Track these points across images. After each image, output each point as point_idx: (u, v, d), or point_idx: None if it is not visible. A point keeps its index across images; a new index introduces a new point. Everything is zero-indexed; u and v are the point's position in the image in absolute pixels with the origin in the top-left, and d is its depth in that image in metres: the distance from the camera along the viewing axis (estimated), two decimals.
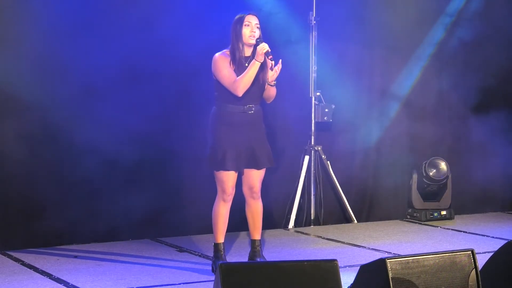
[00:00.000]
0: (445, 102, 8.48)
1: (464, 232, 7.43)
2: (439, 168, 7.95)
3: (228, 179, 5.61)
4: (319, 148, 7.73)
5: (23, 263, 6.05)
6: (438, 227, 7.69)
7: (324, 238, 7.10)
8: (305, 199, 7.70)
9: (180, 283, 5.48)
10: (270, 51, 5.50)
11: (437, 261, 4.19)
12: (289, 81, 7.23)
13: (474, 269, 4.26)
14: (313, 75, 7.72)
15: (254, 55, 5.54)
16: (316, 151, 7.72)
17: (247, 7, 6.28)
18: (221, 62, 5.58)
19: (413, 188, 8.02)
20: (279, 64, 5.54)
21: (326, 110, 7.71)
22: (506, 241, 4.60)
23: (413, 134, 8.32)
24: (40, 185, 6.60)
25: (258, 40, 5.55)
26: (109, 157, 6.68)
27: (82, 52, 6.61)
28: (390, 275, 4.04)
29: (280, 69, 5.55)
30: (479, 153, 8.47)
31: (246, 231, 6.49)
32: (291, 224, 7.54)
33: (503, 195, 8.69)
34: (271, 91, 5.71)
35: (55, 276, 5.64)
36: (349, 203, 7.83)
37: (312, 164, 7.71)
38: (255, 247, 5.82)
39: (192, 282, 5.50)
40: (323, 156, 7.72)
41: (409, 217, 8.08)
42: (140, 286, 5.41)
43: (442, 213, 7.99)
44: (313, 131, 7.76)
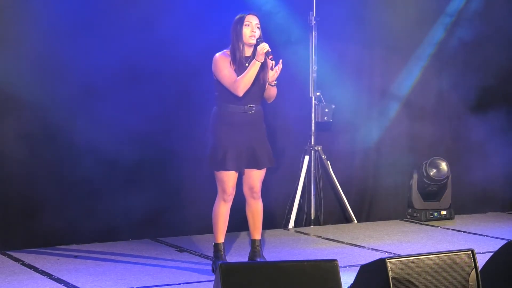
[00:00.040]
0: (445, 102, 8.48)
1: (464, 232, 7.43)
2: (439, 168, 7.95)
3: (228, 179, 5.61)
4: (319, 148, 7.72)
5: (23, 263, 6.05)
6: (438, 227, 7.69)
7: (324, 238, 7.10)
8: (305, 199, 7.69)
9: (180, 283, 5.48)
10: (270, 51, 5.49)
11: (437, 261, 4.19)
12: (289, 81, 7.22)
13: (474, 269, 4.26)
14: (313, 75, 7.72)
15: (254, 55, 5.54)
16: (316, 151, 7.72)
17: (247, 7, 6.27)
18: (221, 62, 5.58)
19: (413, 188, 8.02)
20: (279, 64, 5.54)
21: (326, 110, 7.71)
22: (506, 241, 4.60)
23: (413, 134, 8.31)
24: (40, 185, 6.60)
25: (259, 40, 5.55)
26: (109, 157, 6.68)
27: (82, 52, 6.61)
28: (390, 275, 4.04)
29: (280, 69, 5.55)
30: (479, 153, 8.47)
31: (246, 231, 6.49)
32: (291, 224, 7.54)
33: (503, 195, 8.69)
34: (271, 91, 5.71)
35: (55, 276, 5.64)
36: (349, 203, 7.83)
37: (312, 164, 7.71)
38: (255, 247, 5.81)
39: (192, 282, 5.49)
40: (323, 156, 7.72)
41: (409, 217, 8.07)
42: (140, 286, 5.41)
43: (442, 213, 7.99)
44: (313, 131, 7.76)
